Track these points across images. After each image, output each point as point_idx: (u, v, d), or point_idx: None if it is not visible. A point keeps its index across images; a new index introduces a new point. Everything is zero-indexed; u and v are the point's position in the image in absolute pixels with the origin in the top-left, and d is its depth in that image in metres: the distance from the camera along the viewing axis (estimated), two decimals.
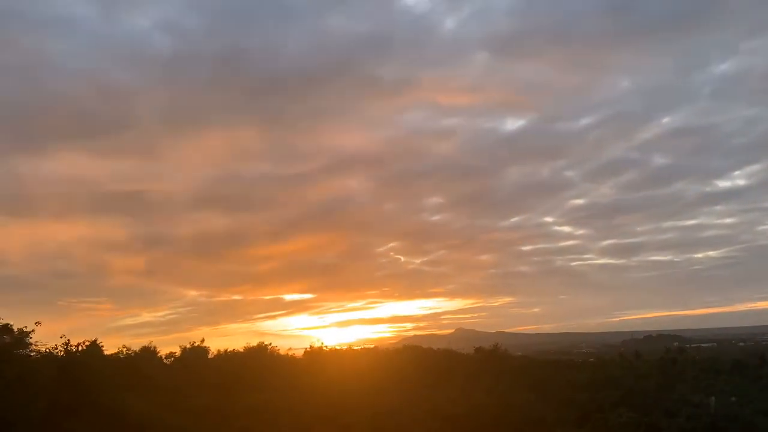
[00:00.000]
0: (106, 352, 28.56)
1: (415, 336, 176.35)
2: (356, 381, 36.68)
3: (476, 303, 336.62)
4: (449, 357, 54.95)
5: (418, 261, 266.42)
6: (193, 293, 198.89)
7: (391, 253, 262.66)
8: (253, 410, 27.32)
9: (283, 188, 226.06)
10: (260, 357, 39.20)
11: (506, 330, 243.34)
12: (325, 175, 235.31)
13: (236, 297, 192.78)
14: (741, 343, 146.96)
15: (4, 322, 21.73)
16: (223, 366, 36.05)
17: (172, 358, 36.90)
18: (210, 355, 38.69)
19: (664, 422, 36.07)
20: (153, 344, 35.68)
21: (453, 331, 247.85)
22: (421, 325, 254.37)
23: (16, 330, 21.88)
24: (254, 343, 40.89)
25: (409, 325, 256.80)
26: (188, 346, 37.66)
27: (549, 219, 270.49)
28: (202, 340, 38.69)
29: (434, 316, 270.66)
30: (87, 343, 25.52)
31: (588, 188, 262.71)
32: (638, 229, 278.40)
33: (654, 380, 50.75)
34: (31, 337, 22.18)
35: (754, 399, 43.91)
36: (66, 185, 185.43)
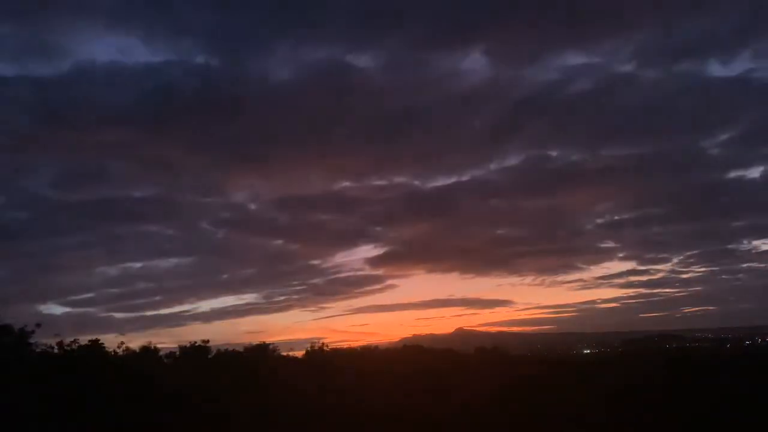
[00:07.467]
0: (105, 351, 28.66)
1: (415, 336, 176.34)
2: (356, 381, 36.70)
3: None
4: (449, 357, 54.88)
5: None
6: None
7: None
8: (251, 411, 27.33)
9: None
10: (260, 357, 39.25)
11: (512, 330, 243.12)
12: None
13: None
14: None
15: (3, 322, 21.83)
16: (223, 366, 36.09)
17: (172, 358, 36.95)
18: (210, 355, 38.69)
19: (663, 422, 36.09)
20: (151, 343, 35.75)
21: (453, 330, 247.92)
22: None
23: (16, 330, 21.99)
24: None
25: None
26: (188, 345, 37.67)
27: None
28: (205, 341, 38.61)
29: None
30: (87, 342, 25.62)
31: None
32: None
33: (653, 380, 50.72)
34: (31, 337, 22.30)
35: (754, 399, 43.85)
36: None
